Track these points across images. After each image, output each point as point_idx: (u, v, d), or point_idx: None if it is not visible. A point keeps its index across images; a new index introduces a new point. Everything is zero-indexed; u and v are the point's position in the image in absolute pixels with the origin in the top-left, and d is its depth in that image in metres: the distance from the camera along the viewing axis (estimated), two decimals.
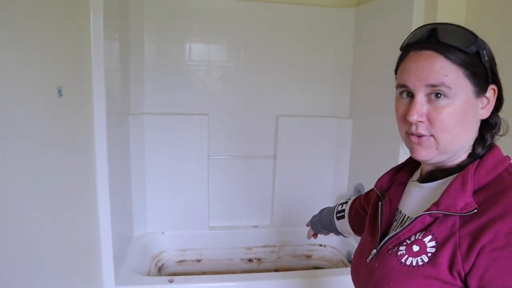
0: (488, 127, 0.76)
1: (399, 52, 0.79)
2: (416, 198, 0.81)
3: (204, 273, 2.70)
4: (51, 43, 1.31)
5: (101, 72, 1.74)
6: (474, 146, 0.75)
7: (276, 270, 2.80)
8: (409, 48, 0.75)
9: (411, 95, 0.74)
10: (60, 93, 1.34)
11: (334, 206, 1.32)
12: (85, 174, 1.69)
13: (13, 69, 1.07)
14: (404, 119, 0.74)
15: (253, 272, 2.76)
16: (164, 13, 2.43)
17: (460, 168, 0.74)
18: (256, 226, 2.84)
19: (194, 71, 2.55)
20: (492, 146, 0.76)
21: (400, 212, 0.83)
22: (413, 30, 0.76)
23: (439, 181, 0.77)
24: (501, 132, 0.78)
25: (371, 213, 0.92)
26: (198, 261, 2.74)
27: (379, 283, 0.75)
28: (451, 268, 0.67)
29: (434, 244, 0.69)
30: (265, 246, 2.82)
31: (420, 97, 0.71)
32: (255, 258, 2.81)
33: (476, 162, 0.72)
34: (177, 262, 2.70)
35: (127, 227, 2.40)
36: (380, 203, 0.88)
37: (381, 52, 2.22)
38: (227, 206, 2.80)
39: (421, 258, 0.70)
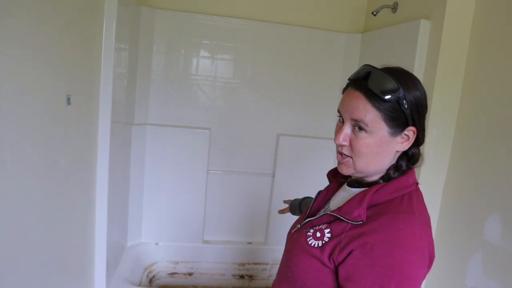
0: (404, 157, 0.91)
1: None
2: (340, 197, 1.00)
3: (195, 287, 2.69)
4: (63, 51, 1.34)
5: (110, 82, 1.77)
6: (389, 170, 0.91)
7: None
8: (349, 83, 0.90)
9: (343, 121, 0.90)
10: (69, 101, 1.36)
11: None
12: (85, 180, 1.70)
13: (25, 76, 1.10)
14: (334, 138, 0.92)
15: None
16: (175, 27, 2.48)
17: (371, 184, 0.91)
18: (250, 243, 2.84)
19: (200, 85, 2.59)
20: (405, 172, 0.91)
21: (328, 204, 1.04)
22: (360, 67, 0.90)
23: (356, 189, 0.95)
24: (418, 164, 0.93)
25: (313, 199, 1.11)
26: (190, 274, 2.73)
27: (290, 250, 0.98)
28: (330, 255, 0.86)
29: (329, 236, 0.88)
30: (257, 264, 2.82)
31: (347, 126, 0.88)
32: (247, 275, 2.80)
33: (381, 184, 0.89)
34: (169, 274, 2.70)
35: (121, 236, 2.40)
36: (318, 191, 1.10)
37: None
38: (223, 221, 2.80)
39: (317, 243, 0.90)
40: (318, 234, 0.91)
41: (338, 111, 0.91)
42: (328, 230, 0.90)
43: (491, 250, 1.55)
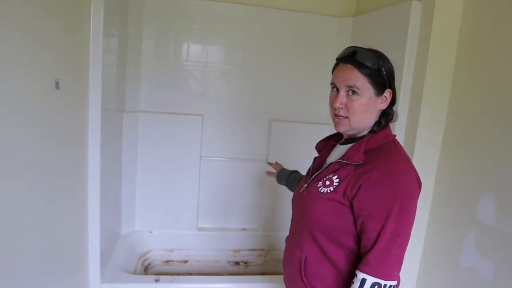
0: (384, 115, 1.19)
1: (393, 62, 1.19)
2: (335, 154, 1.25)
3: (190, 274, 2.70)
4: (51, 35, 1.31)
5: (99, 68, 1.74)
6: (374, 126, 1.18)
7: (262, 274, 2.80)
8: (339, 60, 1.17)
9: (337, 90, 1.15)
10: (57, 85, 1.34)
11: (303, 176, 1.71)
12: (77, 168, 1.68)
13: (13, 60, 1.07)
14: (332, 105, 1.16)
15: (239, 274, 2.76)
16: (164, 12, 2.44)
17: (362, 138, 1.17)
18: (245, 229, 2.84)
19: (191, 71, 2.56)
20: (385, 127, 1.19)
21: (326, 163, 1.27)
22: (344, 49, 1.18)
23: (349, 144, 1.20)
24: (393, 119, 1.21)
25: (310, 167, 1.36)
26: (185, 261, 2.73)
27: (306, 203, 1.20)
28: (344, 194, 1.10)
29: (338, 181, 1.13)
30: (252, 250, 2.82)
31: (342, 93, 1.13)
32: (242, 261, 2.81)
33: (371, 135, 1.15)
34: (164, 262, 2.70)
35: (115, 224, 2.39)
36: (314, 158, 1.35)
37: None
38: (217, 208, 2.80)
39: (329, 189, 1.14)
40: (328, 182, 1.15)
41: (333, 84, 1.17)
42: (336, 176, 1.14)
43: (484, 230, 1.56)
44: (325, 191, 1.14)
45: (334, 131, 1.30)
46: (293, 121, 2.72)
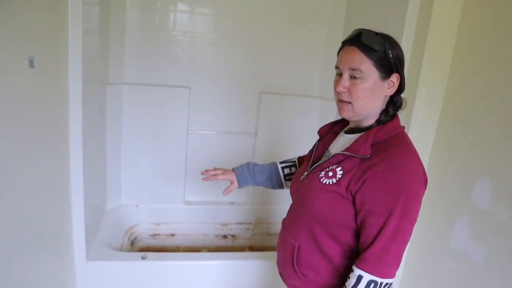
0: (392, 103, 1.13)
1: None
2: (340, 143, 1.20)
3: (177, 247, 2.69)
4: (23, 8, 1.20)
5: (78, 37, 1.63)
6: (381, 115, 1.12)
7: (250, 247, 2.81)
8: (344, 43, 1.12)
9: (341, 74, 1.10)
10: (32, 63, 1.23)
11: (271, 166, 1.65)
12: (58, 143, 1.60)
13: None
14: (335, 89, 1.11)
15: (227, 248, 2.76)
16: None
17: (368, 128, 1.13)
18: (233, 203, 2.82)
19: (177, 41, 2.45)
20: (394, 116, 1.13)
21: (329, 151, 1.23)
22: (351, 32, 1.11)
23: (355, 134, 1.15)
24: (402, 107, 1.16)
25: (310, 151, 1.33)
26: (172, 235, 2.71)
27: (305, 192, 1.17)
28: (347, 187, 1.06)
29: (342, 173, 1.08)
30: (240, 223, 2.81)
31: (345, 76, 1.08)
32: (229, 235, 2.81)
33: (379, 126, 1.10)
34: (151, 235, 2.67)
35: (100, 199, 2.34)
36: (317, 143, 1.30)
37: None
38: (204, 181, 2.74)
39: (332, 180, 1.09)
40: (330, 174, 1.10)
41: (337, 67, 1.11)
42: (340, 168, 1.09)
43: (478, 214, 1.54)
44: (327, 183, 1.10)
45: (326, 106, 1.21)
46: (284, 94, 2.65)
